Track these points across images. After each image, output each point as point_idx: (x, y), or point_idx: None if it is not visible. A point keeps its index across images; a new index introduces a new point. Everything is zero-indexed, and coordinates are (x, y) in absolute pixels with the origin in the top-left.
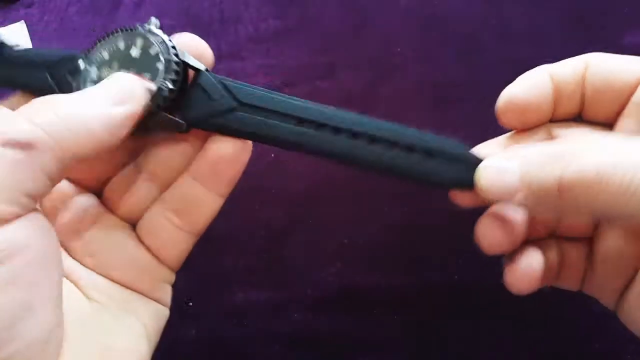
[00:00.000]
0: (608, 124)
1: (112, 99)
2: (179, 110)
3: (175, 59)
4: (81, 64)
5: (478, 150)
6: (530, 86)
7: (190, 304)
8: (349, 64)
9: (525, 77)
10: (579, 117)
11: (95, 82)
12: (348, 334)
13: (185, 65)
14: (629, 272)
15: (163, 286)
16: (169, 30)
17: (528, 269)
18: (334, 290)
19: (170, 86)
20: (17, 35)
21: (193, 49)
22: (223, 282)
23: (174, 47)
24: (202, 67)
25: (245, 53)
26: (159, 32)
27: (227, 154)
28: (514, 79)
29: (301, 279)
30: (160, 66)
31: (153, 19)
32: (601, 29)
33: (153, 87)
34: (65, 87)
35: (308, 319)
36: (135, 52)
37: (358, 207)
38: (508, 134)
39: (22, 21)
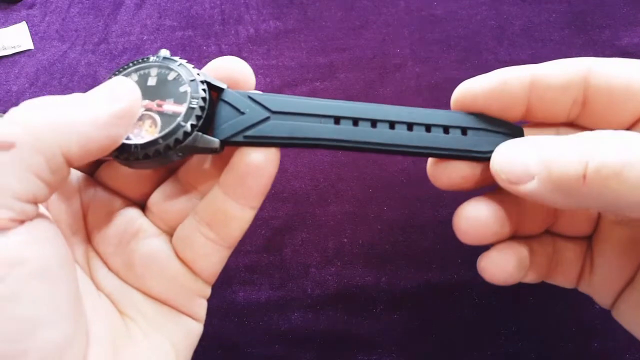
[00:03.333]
0: None
1: (97, 97)
2: (211, 131)
3: (200, 77)
4: None
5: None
6: (496, 84)
7: None
8: (349, 64)
9: (497, 73)
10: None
11: None
12: (348, 334)
13: (208, 85)
14: (629, 273)
15: (198, 300)
16: (170, 30)
17: (500, 261)
18: (334, 289)
19: (202, 103)
20: (19, 36)
21: (232, 70)
22: (223, 282)
23: (194, 68)
24: (224, 85)
25: (245, 54)
26: (175, 57)
27: (254, 165)
28: None
29: (301, 279)
30: (186, 88)
31: (163, 50)
32: (600, 30)
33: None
34: None
35: (308, 318)
36: (152, 81)
37: (358, 207)
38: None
39: (24, 22)
